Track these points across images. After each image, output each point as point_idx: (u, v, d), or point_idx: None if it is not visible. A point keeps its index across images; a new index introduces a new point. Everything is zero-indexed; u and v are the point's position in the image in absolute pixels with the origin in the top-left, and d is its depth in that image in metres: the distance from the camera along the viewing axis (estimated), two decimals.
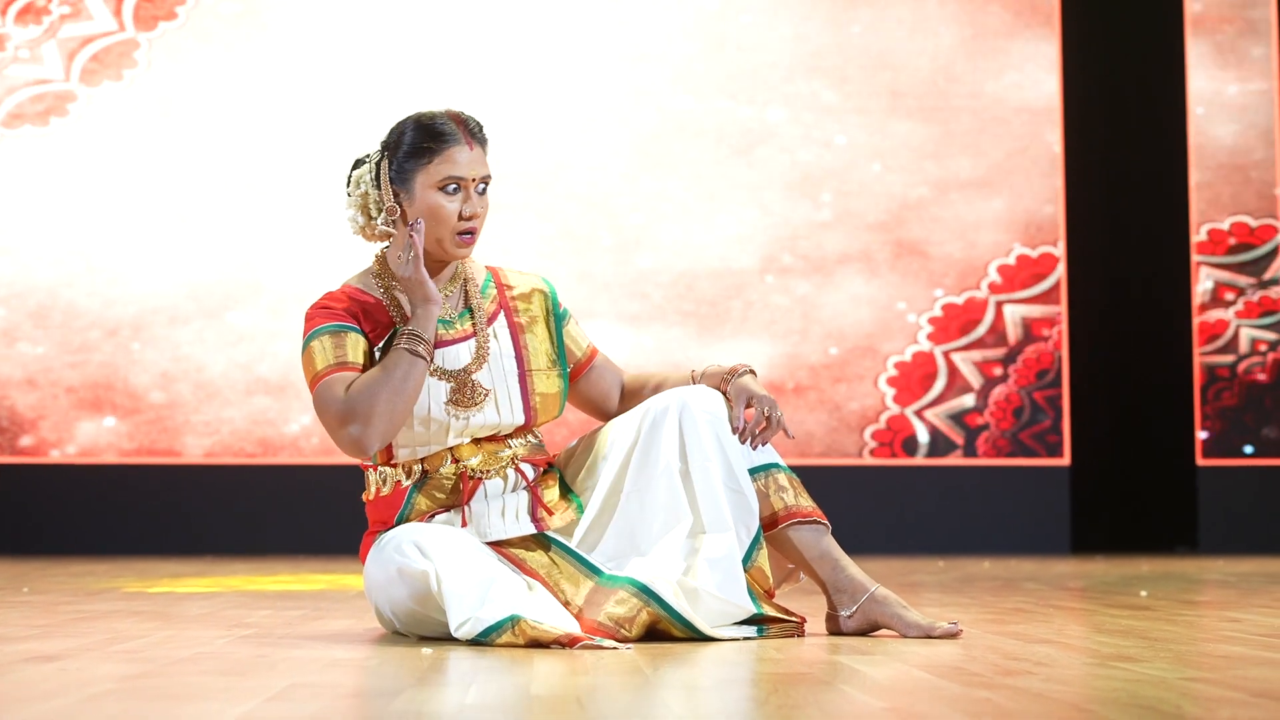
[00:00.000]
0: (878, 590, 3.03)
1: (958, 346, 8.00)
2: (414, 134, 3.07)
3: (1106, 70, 8.26)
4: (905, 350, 7.98)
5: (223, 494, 7.78)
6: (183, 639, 3.01)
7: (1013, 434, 7.99)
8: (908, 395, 7.98)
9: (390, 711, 2.03)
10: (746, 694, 2.28)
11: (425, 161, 3.04)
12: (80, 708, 2.04)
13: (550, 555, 3.02)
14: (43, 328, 7.80)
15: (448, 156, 3.04)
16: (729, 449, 3.04)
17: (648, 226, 8.01)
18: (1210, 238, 8.07)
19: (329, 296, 3.11)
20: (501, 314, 3.17)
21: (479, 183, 3.06)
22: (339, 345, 3.01)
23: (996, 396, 7.99)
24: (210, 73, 7.94)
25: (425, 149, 3.04)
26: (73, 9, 7.91)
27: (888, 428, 7.96)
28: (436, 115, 3.09)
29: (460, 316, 3.13)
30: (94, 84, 7.89)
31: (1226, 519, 7.98)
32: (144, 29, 7.94)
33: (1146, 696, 2.11)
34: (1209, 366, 8.02)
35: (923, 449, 7.94)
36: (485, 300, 3.17)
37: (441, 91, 7.92)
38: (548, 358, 3.16)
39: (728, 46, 8.10)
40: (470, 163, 3.05)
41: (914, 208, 8.06)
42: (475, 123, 3.10)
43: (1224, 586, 4.84)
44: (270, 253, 7.87)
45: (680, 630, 2.91)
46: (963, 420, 7.97)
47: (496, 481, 3.08)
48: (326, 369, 2.99)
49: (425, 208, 3.04)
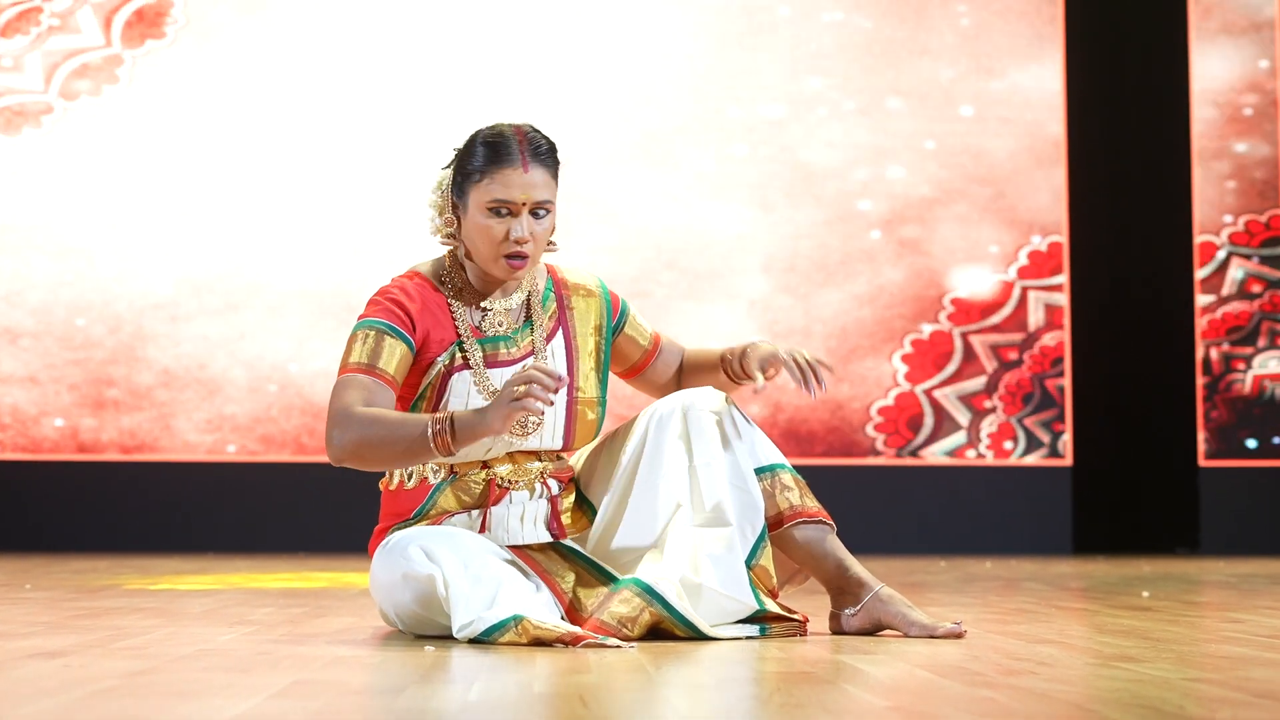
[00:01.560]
0: (882, 589, 3.03)
1: (972, 330, 8.00)
2: (476, 149, 3.03)
3: (1110, 64, 8.26)
4: (907, 345, 7.99)
5: (224, 491, 7.78)
6: (185, 636, 3.01)
7: (1018, 419, 7.99)
8: (915, 381, 7.98)
9: (394, 708, 2.03)
10: (750, 692, 2.28)
11: (478, 180, 3.00)
12: (84, 704, 2.04)
13: (570, 565, 3.02)
14: (44, 324, 7.80)
15: (500, 178, 2.99)
16: (735, 449, 3.05)
17: (650, 224, 8.00)
18: (1248, 229, 8.08)
19: (402, 290, 3.05)
20: (560, 332, 3.15)
21: (535, 207, 3.01)
22: (379, 345, 2.98)
23: (1002, 391, 7.99)
24: (209, 74, 7.94)
25: (481, 167, 3.00)
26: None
27: (888, 420, 7.96)
28: (502, 132, 3.03)
29: (521, 330, 3.11)
30: (92, 85, 7.89)
31: (1228, 520, 7.98)
32: (137, 34, 7.94)
33: (1149, 697, 2.11)
34: (1216, 360, 8.02)
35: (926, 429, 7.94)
36: (545, 315, 3.14)
37: (437, 95, 7.93)
38: (594, 386, 3.16)
39: (729, 43, 8.10)
40: (523, 185, 2.99)
41: (916, 205, 8.06)
42: (544, 142, 3.04)
43: (1225, 588, 4.84)
44: (272, 250, 7.87)
45: (683, 631, 2.92)
46: (969, 402, 7.97)
47: (523, 492, 3.09)
48: (357, 364, 2.97)
49: (474, 226, 3.02)
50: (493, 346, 3.07)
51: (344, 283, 7.82)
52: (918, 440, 7.97)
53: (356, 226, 7.90)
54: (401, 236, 7.70)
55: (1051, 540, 7.94)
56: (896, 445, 7.97)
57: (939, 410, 7.98)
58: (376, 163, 7.92)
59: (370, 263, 7.79)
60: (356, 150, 7.94)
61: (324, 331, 7.82)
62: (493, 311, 3.09)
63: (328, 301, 7.84)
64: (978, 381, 8.00)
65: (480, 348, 3.05)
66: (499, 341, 3.07)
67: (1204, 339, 8.03)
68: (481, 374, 3.03)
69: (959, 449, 7.97)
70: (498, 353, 3.07)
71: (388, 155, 7.91)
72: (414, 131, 7.89)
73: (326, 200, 7.92)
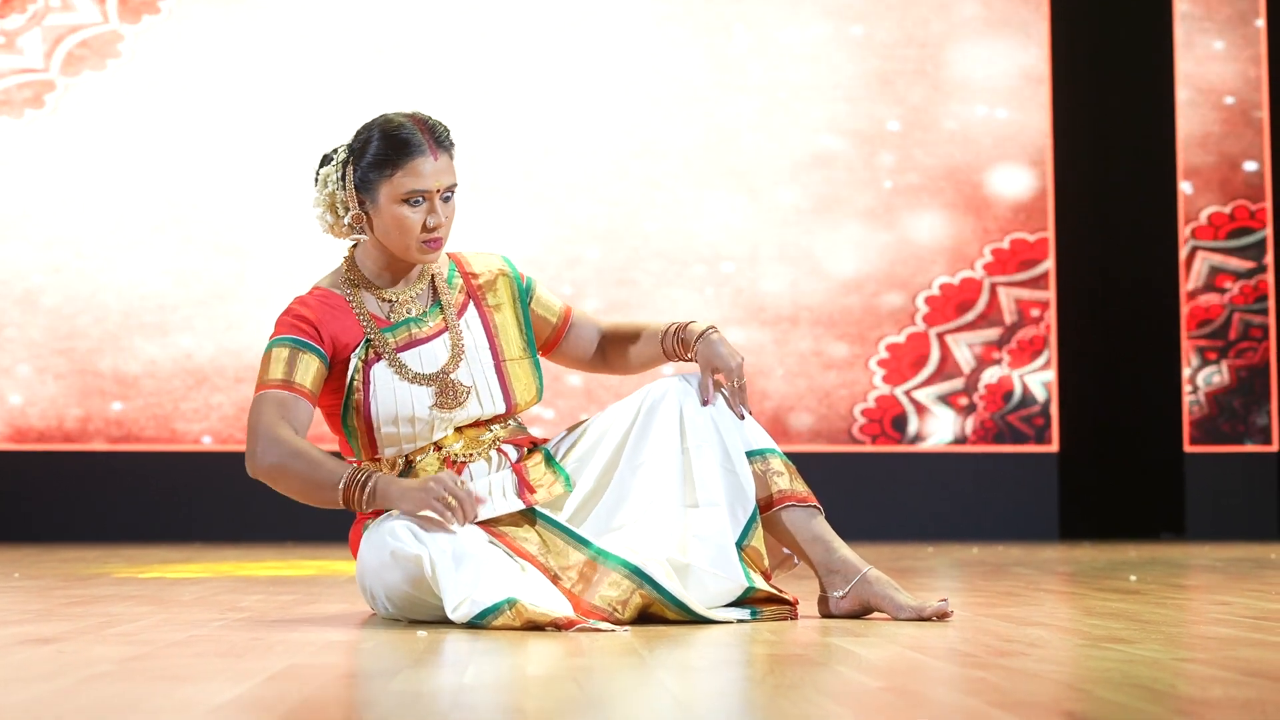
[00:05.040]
0: (870, 572, 3.04)
1: (951, 328, 8.02)
2: (379, 143, 3.05)
3: (1095, 55, 8.27)
4: (901, 333, 8.00)
5: (211, 481, 7.77)
6: (177, 622, 3.02)
7: (1000, 416, 8.01)
8: (897, 378, 8.00)
9: (388, 692, 2.04)
10: (742, 674, 2.29)
11: (389, 173, 3.03)
12: (79, 688, 2.05)
13: (539, 530, 3.03)
14: (32, 315, 7.79)
15: (411, 169, 3.02)
16: (725, 432, 3.06)
17: (637, 212, 8.01)
18: (1211, 222, 8.10)
19: (302, 304, 3.12)
20: (471, 304, 3.19)
21: (444, 191, 3.05)
22: (292, 362, 3.04)
23: (988, 380, 8.01)
24: (198, 62, 7.93)
25: (389, 160, 3.03)
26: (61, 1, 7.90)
27: (876, 406, 7.98)
28: (402, 124, 3.05)
29: (430, 311, 3.15)
30: (77, 73, 7.88)
31: (1213, 505, 8.01)
32: (129, 21, 7.92)
33: (1140, 676, 2.12)
34: (1199, 350, 8.05)
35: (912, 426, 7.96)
36: (454, 292, 3.19)
37: (427, 80, 7.92)
38: (520, 344, 3.20)
39: (716, 33, 8.10)
40: (435, 173, 3.03)
41: (900, 193, 8.08)
42: (442, 129, 3.07)
43: (1212, 571, 4.86)
44: (258, 240, 7.87)
45: (674, 612, 2.93)
46: (949, 401, 7.99)
47: (481, 464, 3.11)
48: (273, 381, 3.03)
49: (390, 218, 3.04)
50: (404, 329, 3.11)
51: None
52: (906, 435, 7.99)
53: None
54: None
55: (1038, 526, 7.96)
56: (873, 433, 7.99)
57: (917, 405, 7.99)
58: None
59: None
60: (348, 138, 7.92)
61: None
62: (398, 301, 3.13)
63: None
64: (956, 383, 8.02)
65: (390, 336, 3.09)
66: (409, 323, 3.12)
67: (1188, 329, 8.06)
68: (395, 360, 3.07)
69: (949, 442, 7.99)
70: (409, 334, 3.11)
71: None
72: None
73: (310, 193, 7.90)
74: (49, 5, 7.89)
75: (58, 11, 7.89)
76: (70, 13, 7.89)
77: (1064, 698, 1.96)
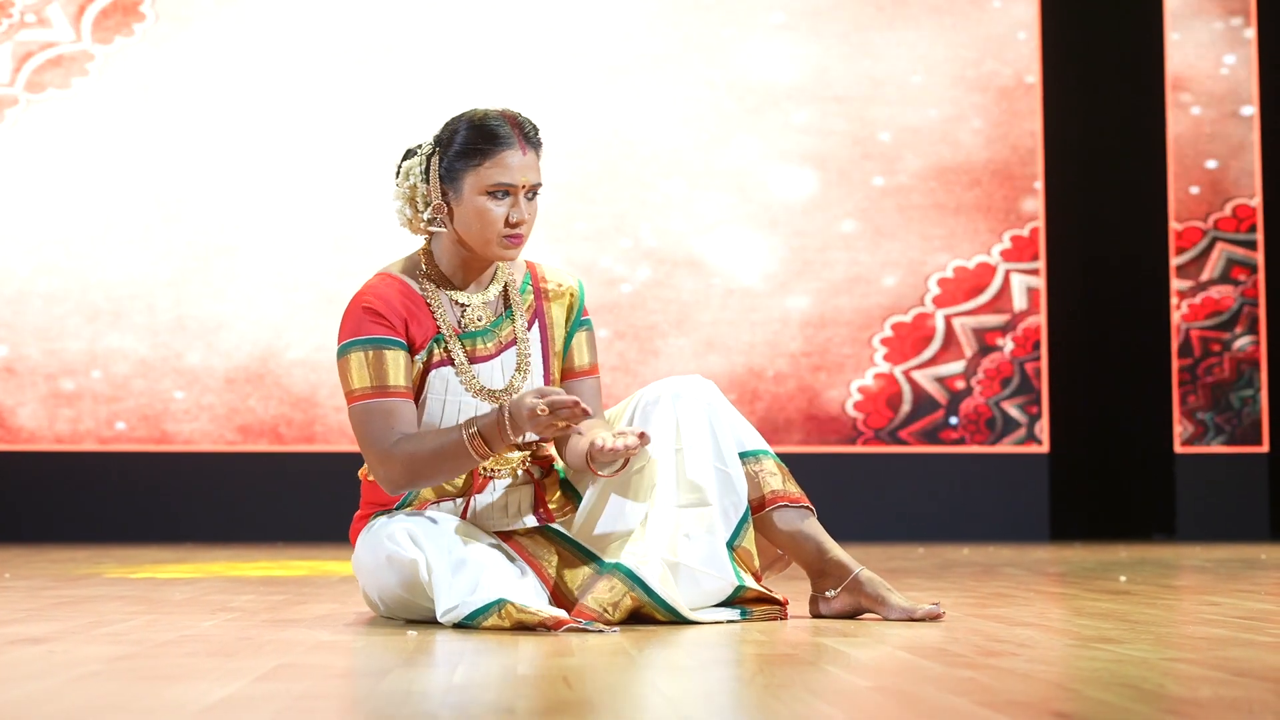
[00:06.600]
0: (861, 572, 3.05)
1: (955, 313, 8.02)
2: (467, 133, 3.00)
3: (1085, 52, 8.28)
4: (887, 328, 8.01)
5: (202, 481, 7.77)
6: (168, 622, 3.02)
7: (995, 402, 8.02)
8: (892, 375, 8.01)
9: (379, 691, 2.04)
10: (732, 674, 2.29)
11: (476, 163, 2.98)
12: (70, 687, 2.05)
13: (555, 548, 3.03)
14: (20, 314, 7.78)
15: (499, 160, 2.98)
16: (719, 433, 3.06)
17: (627, 214, 8.01)
18: (1205, 222, 8.12)
19: (376, 294, 3.02)
20: (537, 323, 3.14)
21: (529, 189, 3.01)
22: (380, 363, 2.96)
23: (981, 375, 8.02)
24: (186, 61, 7.92)
25: (477, 150, 2.99)
26: None
27: (868, 400, 7.99)
28: (491, 116, 3.01)
29: (501, 321, 3.10)
30: (63, 79, 7.87)
31: (1204, 506, 8.02)
32: (123, 17, 7.92)
33: (1129, 676, 2.12)
34: (1193, 344, 8.06)
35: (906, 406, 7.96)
36: (524, 302, 3.14)
37: (414, 86, 7.92)
38: (558, 366, 3.16)
39: (708, 31, 8.11)
40: (522, 168, 2.99)
41: (893, 194, 8.08)
42: (531, 126, 3.04)
43: (1202, 572, 4.87)
44: (248, 241, 7.86)
45: (664, 615, 2.93)
46: (946, 384, 8.00)
47: (505, 479, 3.10)
48: (366, 391, 2.96)
49: (472, 210, 2.99)
50: (470, 342, 3.06)
51: (321, 273, 7.82)
52: (896, 421, 8.00)
53: (333, 217, 7.89)
54: (378, 226, 7.68)
55: (1028, 527, 7.97)
56: (876, 426, 7.99)
57: (917, 391, 8.00)
58: (352, 153, 7.91)
59: (347, 253, 7.79)
60: (332, 140, 7.93)
61: (301, 322, 7.81)
62: (471, 306, 3.08)
63: (305, 292, 7.83)
64: (956, 365, 8.03)
65: (461, 344, 3.05)
66: (476, 337, 3.07)
67: (1184, 321, 8.07)
68: (466, 371, 3.03)
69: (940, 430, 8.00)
70: (475, 349, 3.07)
71: (363, 145, 7.90)
72: (389, 121, 7.88)
73: (303, 191, 7.91)
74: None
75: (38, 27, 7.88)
76: (50, 27, 7.89)
77: (1054, 698, 1.96)
